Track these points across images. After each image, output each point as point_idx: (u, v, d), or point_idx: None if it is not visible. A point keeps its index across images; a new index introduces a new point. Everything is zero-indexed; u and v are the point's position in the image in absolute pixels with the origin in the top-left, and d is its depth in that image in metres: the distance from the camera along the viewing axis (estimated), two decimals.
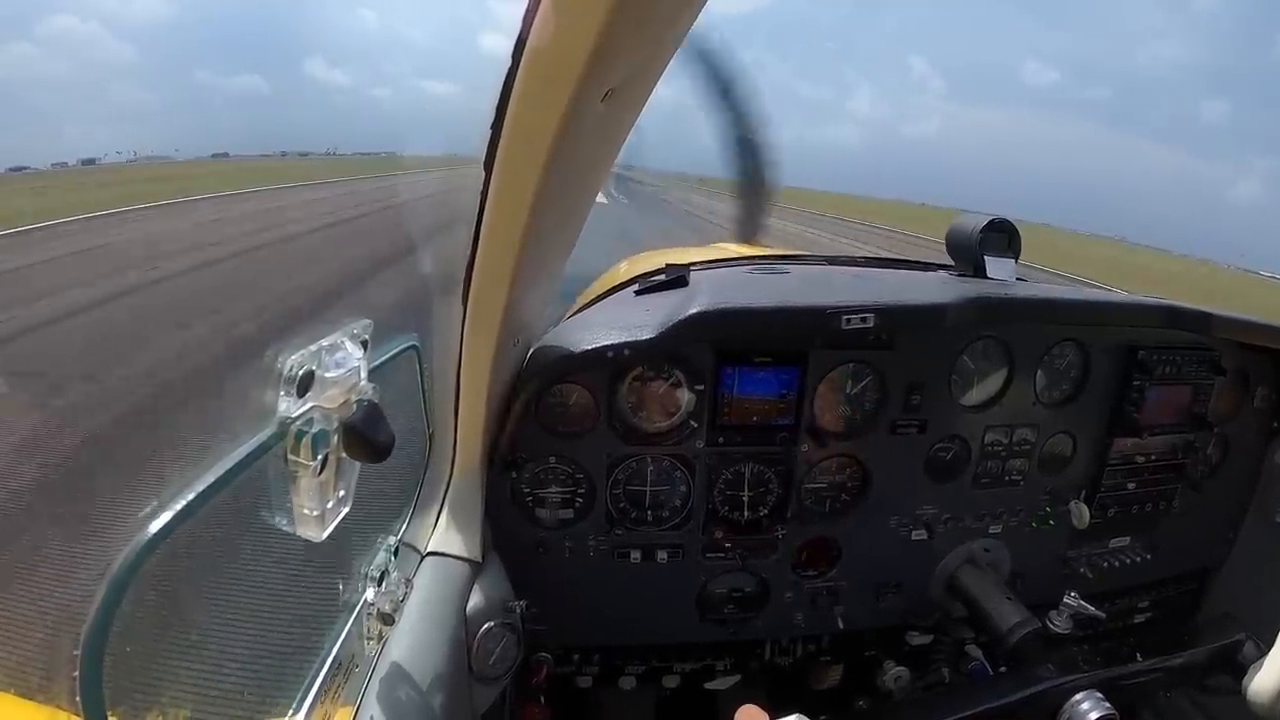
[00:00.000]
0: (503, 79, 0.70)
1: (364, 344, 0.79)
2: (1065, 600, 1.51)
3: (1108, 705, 1.21)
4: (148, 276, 9.81)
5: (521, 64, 0.67)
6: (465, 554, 1.32)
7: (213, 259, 11.72)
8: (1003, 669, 1.49)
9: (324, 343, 0.73)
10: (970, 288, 1.50)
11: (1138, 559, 1.83)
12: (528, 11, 0.63)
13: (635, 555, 1.58)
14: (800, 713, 0.99)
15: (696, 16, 0.69)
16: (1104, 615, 1.50)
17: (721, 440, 1.53)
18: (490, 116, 0.75)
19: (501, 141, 0.76)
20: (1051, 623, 1.50)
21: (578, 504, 1.54)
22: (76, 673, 0.52)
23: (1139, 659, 1.35)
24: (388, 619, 1.04)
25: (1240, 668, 1.35)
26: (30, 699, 1.09)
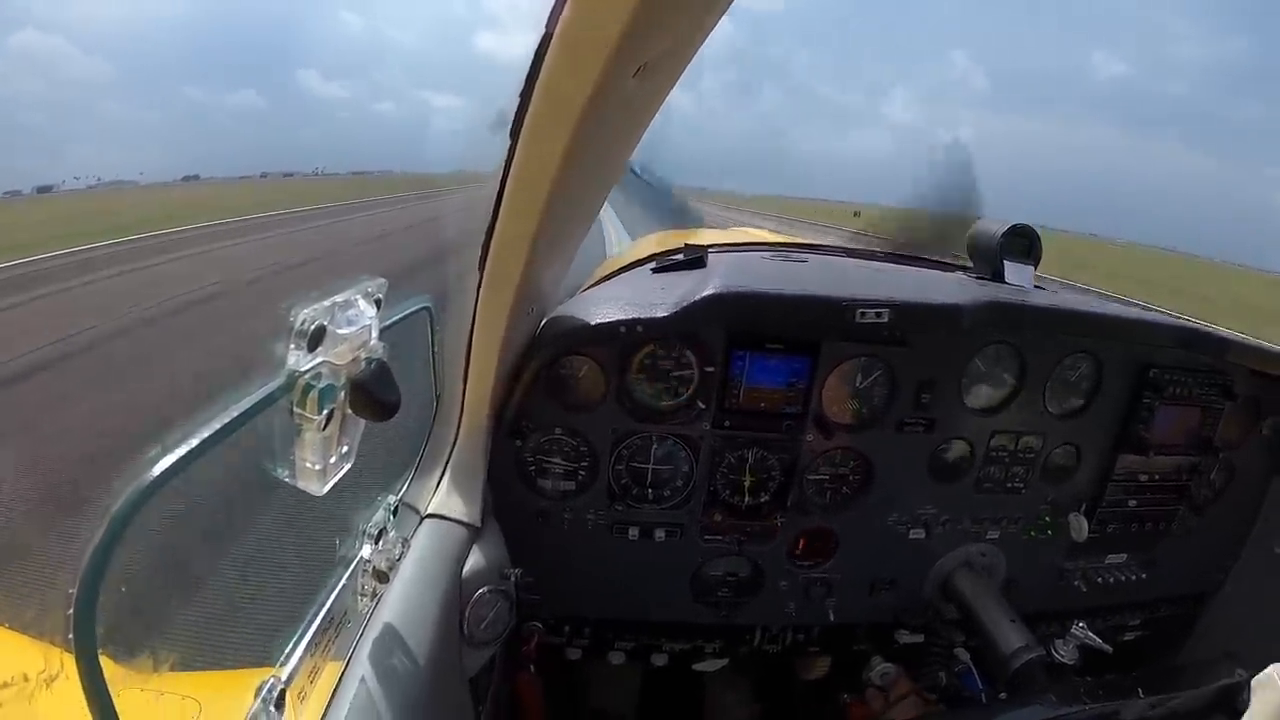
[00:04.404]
0: (535, 47, 0.69)
1: (377, 303, 0.79)
2: (1073, 630, 1.50)
3: None
4: None
5: (555, 33, 0.66)
6: (464, 518, 1.33)
7: None
8: (1001, 694, 1.49)
9: (337, 299, 0.73)
10: (987, 291, 1.49)
11: (1133, 577, 1.83)
12: None
13: (633, 532, 1.58)
14: (784, 702, 0.99)
15: None
16: (1110, 649, 1.49)
17: (728, 424, 1.53)
18: (520, 85, 0.75)
19: (530, 110, 0.76)
20: (1056, 652, 1.50)
21: (580, 476, 1.55)
22: (71, 610, 0.52)
23: (1140, 695, 1.34)
24: (382, 577, 1.04)
25: (1239, 712, 1.34)
26: (24, 633, 1.11)
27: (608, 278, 1.83)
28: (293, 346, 0.67)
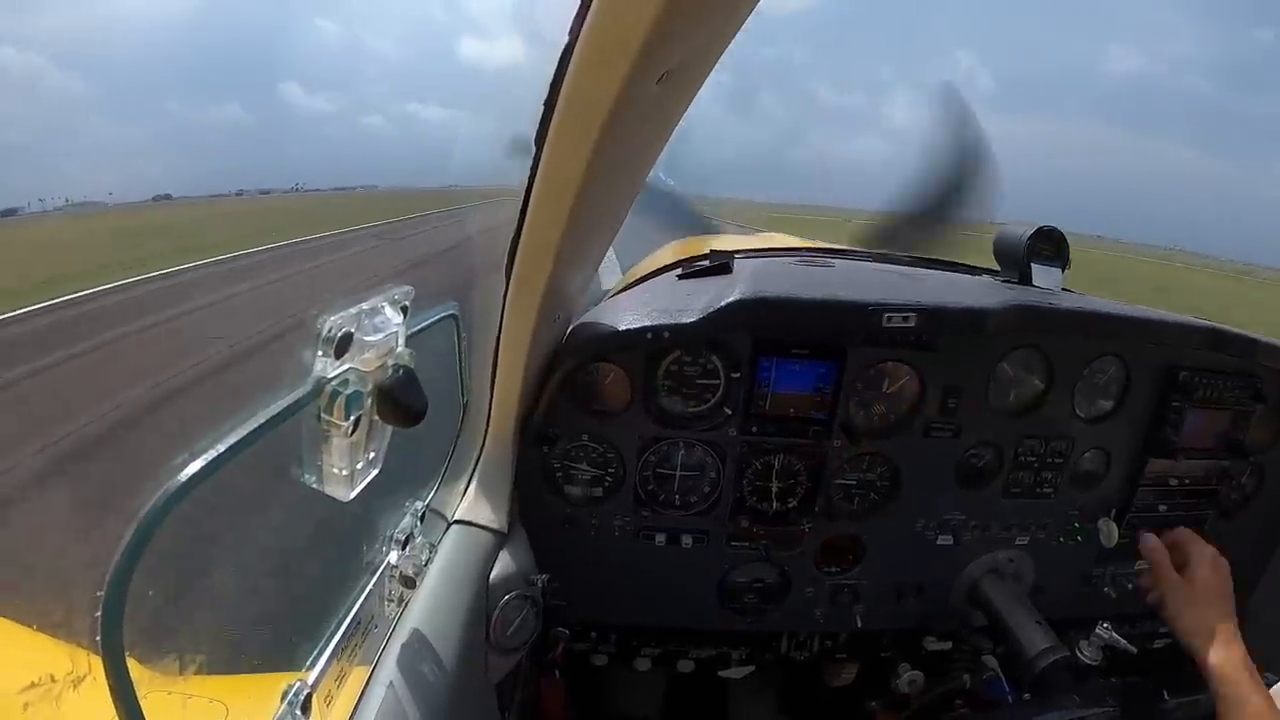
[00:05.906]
0: (559, 55, 0.70)
1: (404, 310, 0.79)
2: (1097, 630, 1.48)
3: None
4: None
5: (579, 40, 0.66)
6: (492, 524, 1.34)
7: None
8: (1026, 695, 1.47)
9: (364, 306, 0.73)
10: (1015, 294, 1.47)
11: None
12: None
13: (660, 538, 1.58)
14: (810, 709, 0.99)
15: (758, 1, 0.68)
16: (1135, 650, 1.47)
17: (754, 430, 1.52)
18: (544, 93, 0.75)
19: (554, 119, 0.76)
20: (1081, 652, 1.48)
21: (607, 483, 1.55)
22: (98, 613, 0.53)
23: (1166, 697, 1.32)
24: (409, 582, 1.05)
25: None
26: (52, 634, 1.12)
27: (633, 284, 1.83)
28: (320, 353, 0.67)
